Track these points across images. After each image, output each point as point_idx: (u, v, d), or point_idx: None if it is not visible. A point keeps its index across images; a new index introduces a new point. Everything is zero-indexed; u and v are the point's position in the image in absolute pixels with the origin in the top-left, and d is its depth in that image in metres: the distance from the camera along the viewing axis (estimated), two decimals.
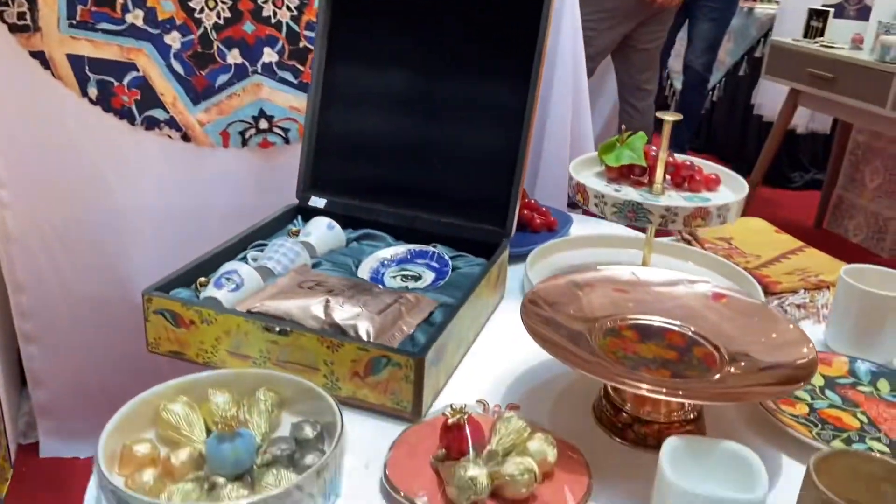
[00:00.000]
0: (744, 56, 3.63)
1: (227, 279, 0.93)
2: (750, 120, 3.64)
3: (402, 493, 0.73)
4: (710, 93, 3.75)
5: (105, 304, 1.58)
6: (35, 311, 1.59)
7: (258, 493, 0.68)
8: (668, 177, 1.10)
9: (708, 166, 1.13)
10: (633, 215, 0.99)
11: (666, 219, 0.98)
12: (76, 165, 1.51)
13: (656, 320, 0.91)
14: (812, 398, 0.93)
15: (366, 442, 0.81)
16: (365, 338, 0.86)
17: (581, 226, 1.42)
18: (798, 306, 1.14)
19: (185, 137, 1.56)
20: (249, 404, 0.79)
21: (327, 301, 0.89)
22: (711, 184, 1.09)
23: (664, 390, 0.78)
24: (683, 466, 0.70)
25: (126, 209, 1.58)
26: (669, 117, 1.03)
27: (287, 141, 1.60)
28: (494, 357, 0.99)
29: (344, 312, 0.88)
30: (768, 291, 1.17)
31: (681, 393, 0.78)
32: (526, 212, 1.33)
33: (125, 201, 1.56)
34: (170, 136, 1.55)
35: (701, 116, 3.63)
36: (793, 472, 0.80)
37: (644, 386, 0.77)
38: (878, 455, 0.74)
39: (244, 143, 1.59)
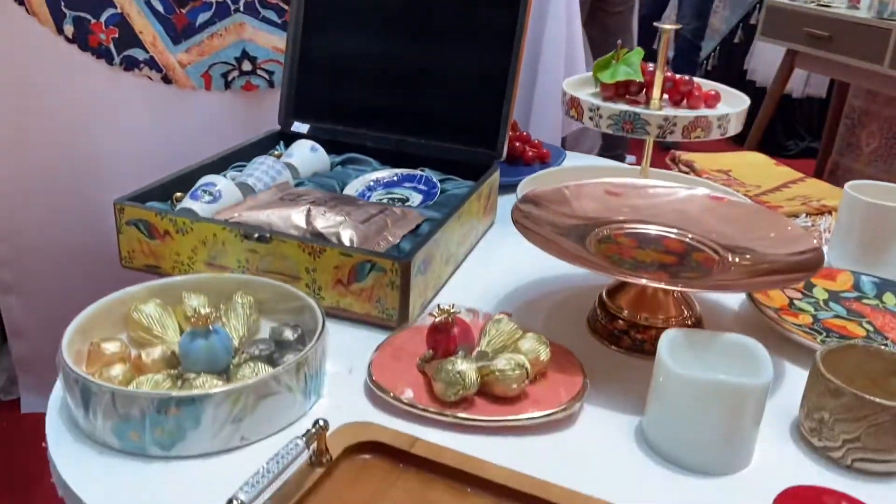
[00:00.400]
0: (739, 23, 3.59)
1: (205, 191, 0.88)
2: (744, 86, 3.60)
3: (387, 391, 0.69)
4: (705, 62, 3.71)
5: (85, 252, 1.53)
6: (13, 259, 1.54)
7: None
8: (665, 95, 1.06)
9: (707, 84, 1.09)
10: (630, 126, 0.95)
11: (664, 129, 0.94)
12: (53, 108, 1.46)
13: (653, 228, 0.87)
14: (816, 310, 0.90)
15: (350, 349, 0.77)
16: (348, 245, 0.82)
17: (574, 160, 1.39)
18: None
19: (166, 79, 1.51)
20: (227, 308, 0.75)
21: (309, 210, 0.85)
22: (711, 100, 1.04)
23: (664, 282, 0.74)
24: (682, 358, 0.67)
25: (105, 154, 1.53)
26: (668, 26, 0.99)
27: (272, 84, 1.55)
28: (485, 275, 0.96)
29: (326, 221, 0.84)
30: None
31: (681, 284, 0.74)
32: (518, 144, 1.28)
33: (104, 146, 1.51)
34: (150, 78, 1.50)
35: None
36: (796, 378, 0.77)
37: (644, 279, 0.74)
38: (887, 350, 0.71)
39: (227, 85, 1.54)
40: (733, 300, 0.94)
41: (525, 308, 0.89)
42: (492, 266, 0.99)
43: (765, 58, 3.41)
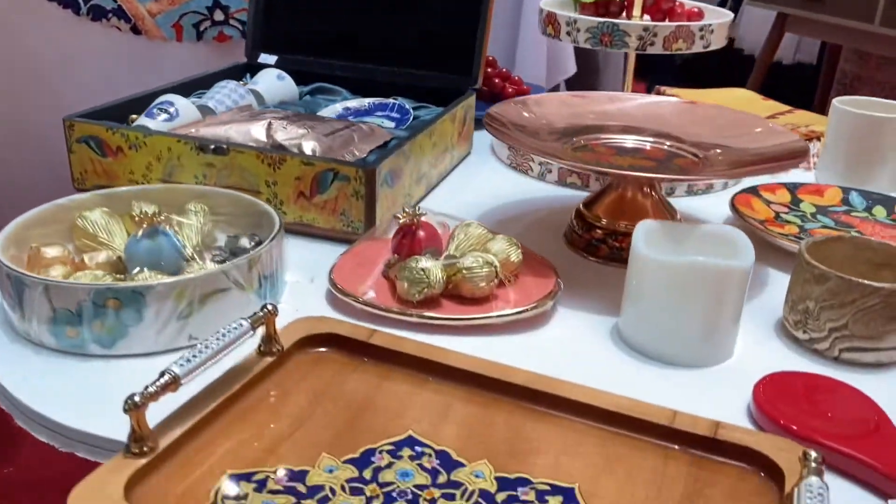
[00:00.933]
0: None
1: (161, 110, 0.84)
2: (731, 55, 3.56)
3: (348, 294, 0.65)
4: None
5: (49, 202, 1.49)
6: None
7: None
8: (646, 16, 1.02)
9: (690, 4, 1.05)
10: (609, 39, 0.91)
11: (644, 41, 0.91)
12: (16, 59, 1.42)
13: (630, 139, 0.84)
14: (802, 221, 0.86)
15: (314, 262, 0.73)
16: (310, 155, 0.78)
17: None
18: None
19: (135, 30, 1.47)
20: (180, 217, 0.71)
21: (270, 123, 0.81)
22: (694, 17, 1.01)
23: (650, 172, 0.71)
24: (659, 247, 0.63)
25: (70, 107, 1.48)
26: None
27: (245, 35, 1.52)
28: (459, 198, 0.92)
29: (288, 133, 0.80)
30: None
31: (668, 173, 0.70)
32: (497, 80, 1.24)
33: (72, 99, 1.47)
34: (118, 28, 1.46)
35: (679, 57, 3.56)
36: (781, 286, 0.73)
37: (629, 171, 0.70)
38: (876, 240, 0.68)
39: (199, 36, 1.50)
40: (716, 213, 0.91)
41: (500, 226, 0.85)
42: (467, 191, 0.95)
43: (753, 25, 3.37)
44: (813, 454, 0.40)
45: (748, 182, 0.99)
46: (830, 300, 0.60)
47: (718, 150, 0.78)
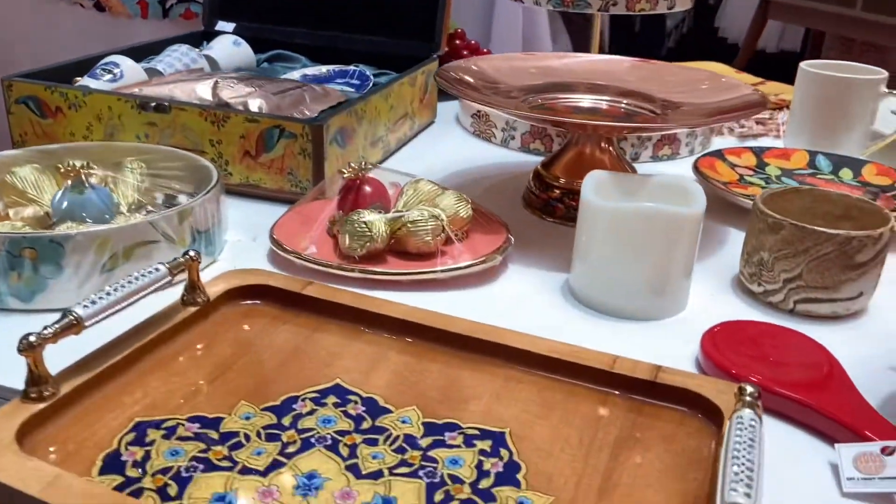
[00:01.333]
0: None
1: (105, 70, 0.81)
2: (715, 43, 3.55)
3: (288, 250, 0.63)
4: (680, 24, 3.66)
5: None
6: None
7: None
8: None
9: None
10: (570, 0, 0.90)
11: (606, 1, 0.88)
12: None
13: (587, 98, 0.82)
14: (767, 183, 0.84)
15: (258, 222, 0.71)
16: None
17: None
18: (757, 121, 1.05)
19: (99, 6, 1.44)
20: (116, 175, 0.68)
21: (216, 82, 0.78)
22: None
23: (613, 121, 0.69)
24: (609, 197, 0.61)
25: None
26: None
27: None
28: (417, 164, 0.89)
29: (234, 91, 0.77)
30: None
31: (633, 121, 0.68)
32: (466, 53, 1.22)
33: None
34: (82, 6, 1.43)
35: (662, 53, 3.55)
36: (739, 244, 0.71)
37: (591, 121, 0.68)
38: (835, 192, 0.66)
39: (165, 13, 1.47)
40: (676, 173, 0.88)
41: (457, 189, 0.82)
42: (427, 157, 0.93)
43: (736, 14, 3.36)
44: (749, 388, 0.38)
45: (715, 146, 0.98)
46: (784, 249, 0.58)
47: (676, 106, 0.76)
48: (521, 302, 0.62)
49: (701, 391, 0.45)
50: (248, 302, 0.55)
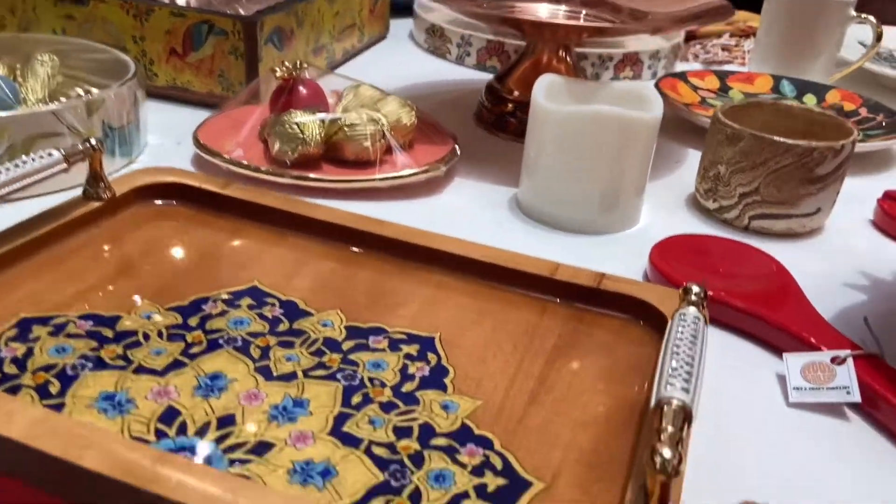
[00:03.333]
0: None
1: None
2: None
3: (213, 152, 0.58)
4: None
5: None
6: None
7: None
8: None
9: None
10: None
11: None
12: None
13: (543, 7, 0.77)
14: None
15: (183, 126, 0.65)
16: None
17: None
18: (723, 48, 1.01)
19: None
20: (24, 69, 0.62)
21: None
22: None
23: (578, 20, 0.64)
24: (561, 101, 0.57)
25: None
26: None
27: None
28: (363, 74, 0.81)
29: None
30: (690, 36, 1.05)
31: (589, 24, 0.64)
32: None
33: None
34: None
35: None
36: (696, 165, 0.68)
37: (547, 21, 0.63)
38: (798, 105, 0.63)
39: None
40: None
41: None
42: (376, 70, 0.87)
43: None
44: (695, 288, 0.35)
45: (679, 68, 0.95)
46: (742, 162, 0.55)
47: (643, 16, 0.72)
48: (465, 216, 0.58)
49: (645, 297, 0.42)
50: (162, 202, 0.50)
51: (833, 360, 0.40)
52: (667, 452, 0.26)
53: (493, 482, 0.32)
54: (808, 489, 0.35)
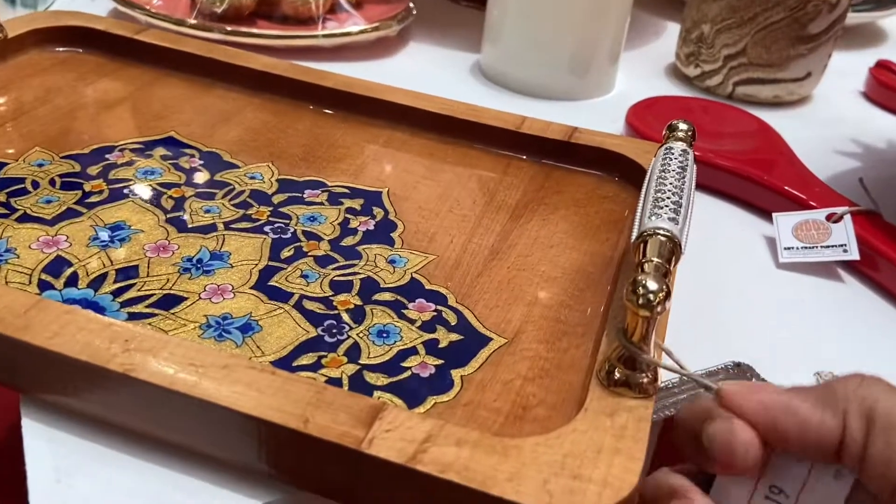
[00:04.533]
0: None
1: None
2: None
3: (131, 2, 0.50)
4: None
5: None
6: None
7: None
8: None
9: None
10: None
11: None
12: None
13: None
14: None
15: None
16: None
17: None
18: None
19: None
20: None
21: None
22: None
23: None
24: None
25: None
26: None
27: None
28: None
29: None
30: None
31: None
32: None
33: None
34: None
35: None
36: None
37: None
38: None
39: None
40: None
41: None
42: None
43: None
44: (682, 125, 0.31)
45: None
46: (729, 18, 0.50)
47: None
48: (421, 79, 0.51)
49: (621, 151, 0.37)
50: (66, 49, 0.43)
51: (829, 217, 0.36)
52: (652, 283, 0.22)
53: (445, 337, 0.27)
54: (798, 351, 0.32)
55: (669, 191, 0.26)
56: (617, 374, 0.23)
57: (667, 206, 0.25)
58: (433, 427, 0.21)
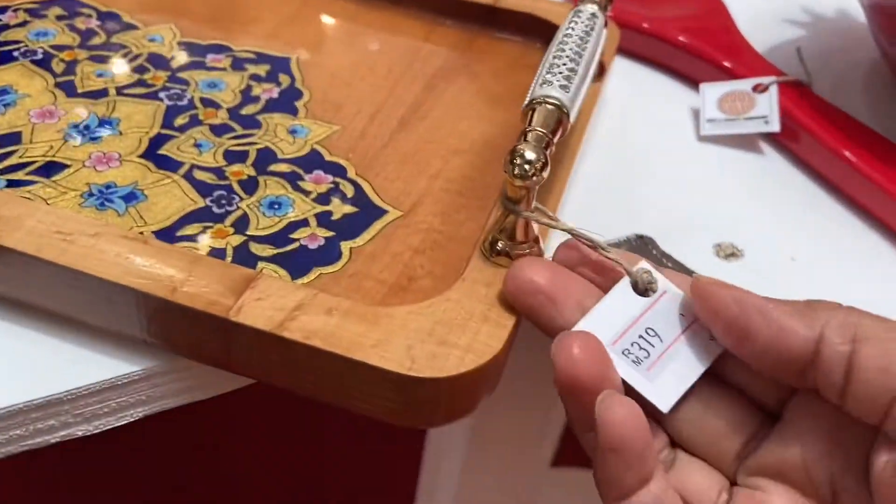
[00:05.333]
0: None
1: None
2: None
3: None
4: None
5: None
6: None
7: None
8: None
9: None
10: None
11: None
12: None
13: None
14: None
15: None
16: None
17: None
18: None
19: None
20: None
21: None
22: None
23: None
24: None
25: None
26: None
27: None
28: None
29: None
30: None
31: None
32: None
33: None
34: None
35: None
36: None
37: None
38: None
39: None
40: None
41: None
42: None
43: None
44: None
45: None
46: None
47: None
48: None
49: (547, 17, 0.36)
50: None
51: (755, 88, 0.35)
52: (529, 153, 0.21)
53: (339, 209, 0.27)
54: (711, 224, 0.32)
55: (567, 57, 0.24)
56: (499, 246, 0.23)
57: (561, 72, 0.24)
58: (305, 296, 0.21)
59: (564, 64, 0.24)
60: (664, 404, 0.21)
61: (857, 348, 0.18)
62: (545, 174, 0.21)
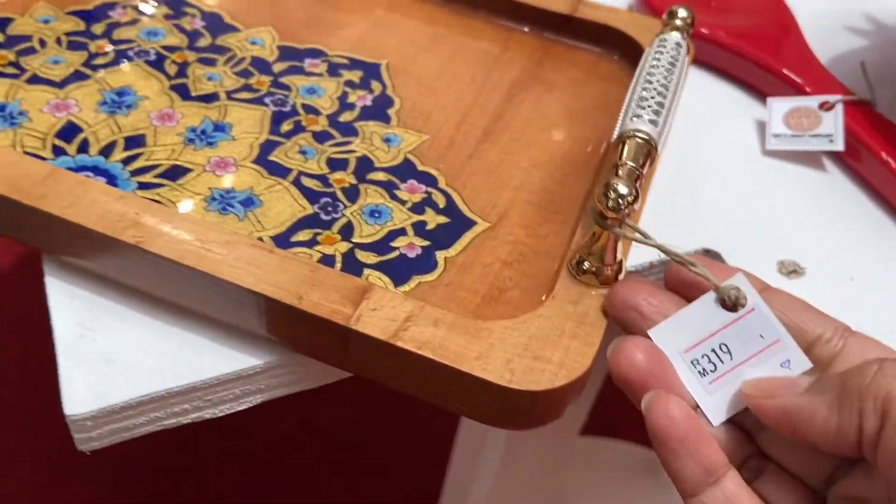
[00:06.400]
0: None
1: None
2: None
3: None
4: None
5: None
6: None
7: None
8: None
9: None
10: None
11: None
12: None
13: None
14: None
15: None
16: None
17: None
18: None
19: None
20: None
21: None
22: None
23: None
24: None
25: None
26: None
27: None
28: None
29: None
30: None
31: None
32: None
33: None
34: None
35: None
36: None
37: None
38: None
39: None
40: None
41: None
42: None
43: None
44: (681, 11, 0.30)
45: None
46: None
47: None
48: None
49: (624, 28, 0.37)
50: None
51: (821, 105, 0.36)
52: (622, 188, 0.23)
53: (433, 220, 0.29)
54: (773, 239, 0.34)
55: (655, 90, 0.26)
56: (585, 265, 0.25)
57: (650, 106, 0.25)
58: (414, 308, 0.24)
59: (653, 97, 0.26)
60: (716, 418, 0.23)
61: (882, 428, 0.19)
62: (636, 206, 0.24)
